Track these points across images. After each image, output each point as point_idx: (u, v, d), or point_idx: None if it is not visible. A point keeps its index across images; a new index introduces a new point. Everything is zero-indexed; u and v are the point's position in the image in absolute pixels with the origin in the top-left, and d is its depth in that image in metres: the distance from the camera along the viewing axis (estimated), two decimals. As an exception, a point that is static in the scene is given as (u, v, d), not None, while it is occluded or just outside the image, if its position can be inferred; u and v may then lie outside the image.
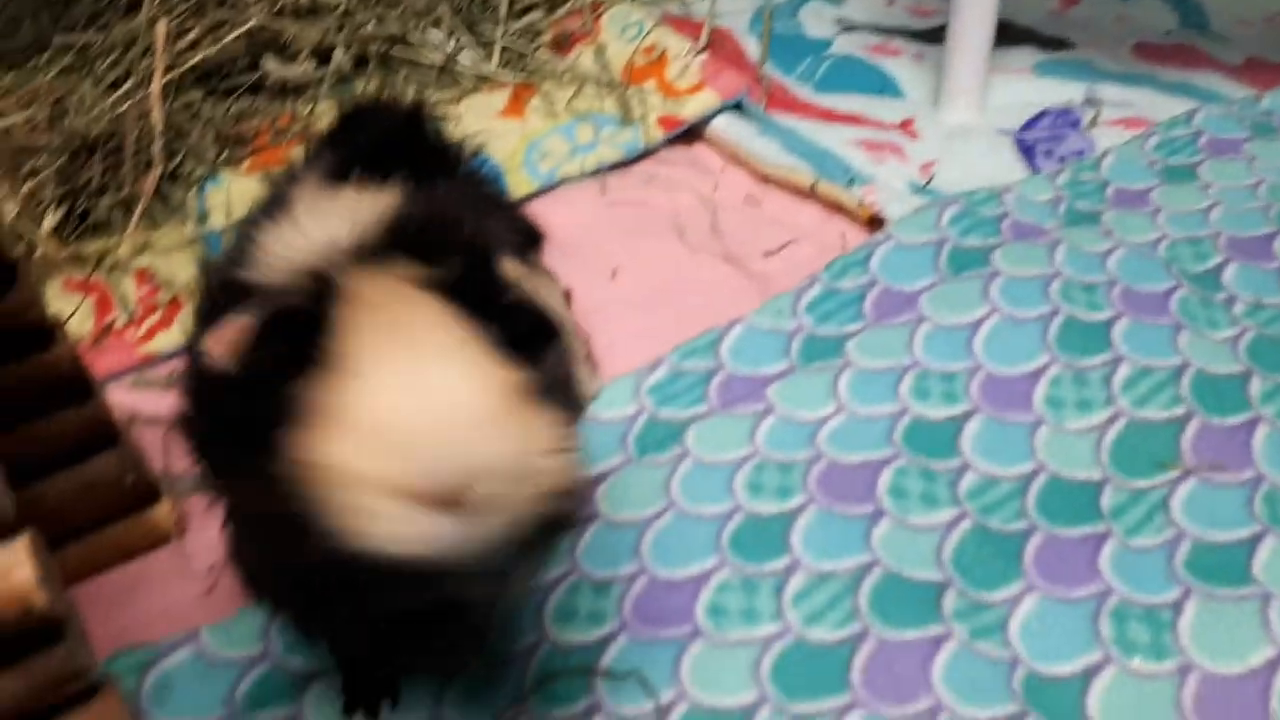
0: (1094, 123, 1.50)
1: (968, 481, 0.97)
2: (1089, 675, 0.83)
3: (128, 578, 0.96)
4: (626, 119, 1.54)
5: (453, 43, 1.64)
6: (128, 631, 0.90)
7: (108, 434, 0.92)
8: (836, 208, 1.39)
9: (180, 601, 0.94)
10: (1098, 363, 1.07)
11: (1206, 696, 0.81)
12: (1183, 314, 1.11)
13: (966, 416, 1.03)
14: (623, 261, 1.32)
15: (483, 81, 1.62)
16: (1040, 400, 1.04)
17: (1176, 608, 0.87)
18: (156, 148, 1.39)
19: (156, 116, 1.40)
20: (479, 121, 1.53)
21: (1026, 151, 1.46)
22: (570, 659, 0.85)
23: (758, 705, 0.82)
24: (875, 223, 1.34)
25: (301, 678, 0.86)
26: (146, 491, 0.96)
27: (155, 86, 1.42)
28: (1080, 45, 1.69)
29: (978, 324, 1.12)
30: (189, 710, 0.84)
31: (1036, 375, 1.06)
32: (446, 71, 1.62)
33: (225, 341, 0.56)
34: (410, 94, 1.58)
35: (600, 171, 1.47)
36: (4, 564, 0.50)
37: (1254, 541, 0.91)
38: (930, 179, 1.42)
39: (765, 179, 1.47)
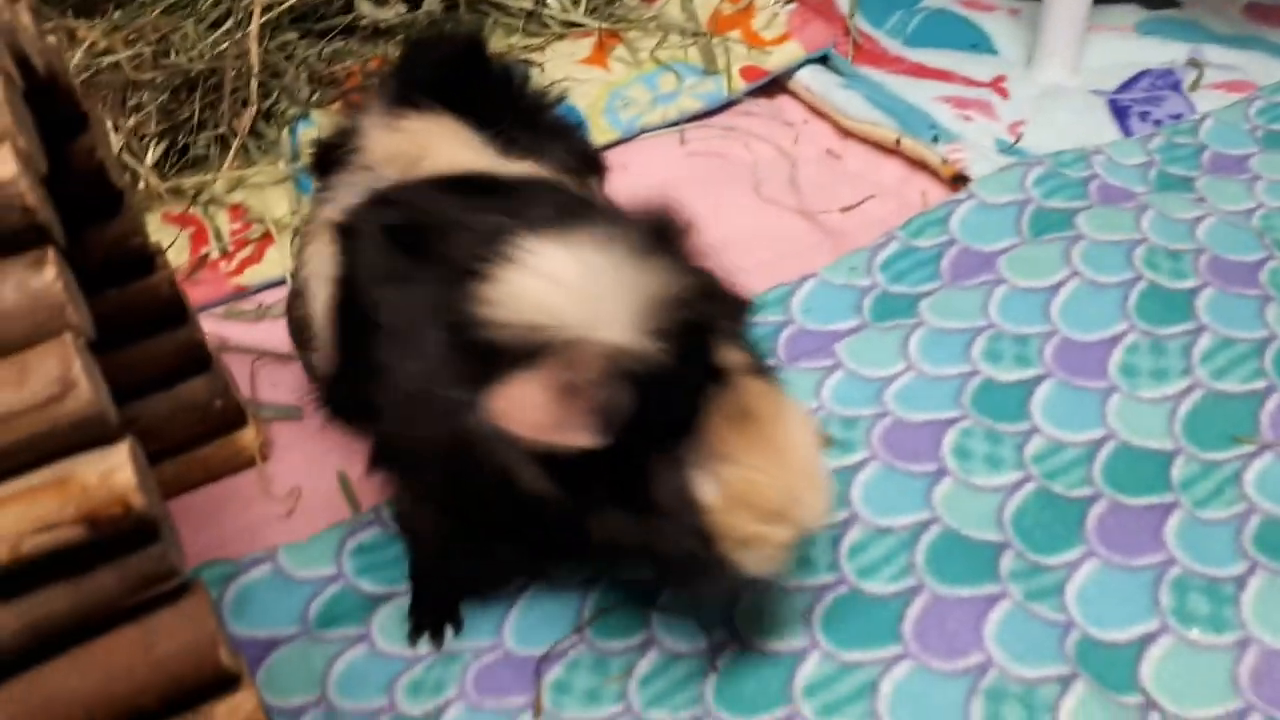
0: (1196, 85, 1.44)
1: (1034, 445, 0.97)
2: (1144, 643, 0.83)
3: (213, 497, 1.02)
4: (710, 69, 1.53)
5: (541, -12, 1.65)
6: (211, 547, 0.96)
7: (200, 359, 0.97)
8: (920, 165, 1.37)
9: (261, 522, 1.00)
10: (1178, 332, 1.04)
11: (1264, 671, 0.80)
12: (1273, 285, 1.08)
13: (1038, 381, 1.02)
14: (698, 212, 1.33)
15: (569, 28, 1.62)
16: (1115, 368, 1.02)
17: (1240, 582, 0.85)
18: (253, 86, 1.44)
19: (254, 56, 1.44)
20: (563, 69, 1.54)
21: (1120, 113, 1.42)
22: (625, 593, 0.88)
23: (807, 651, 0.83)
24: (959, 181, 1.31)
25: (371, 599, 0.91)
26: (234, 416, 1.01)
27: (254, 26, 1.46)
28: (1187, 3, 1.62)
29: (1056, 288, 1.10)
30: (265, 623, 0.89)
31: (1113, 342, 1.04)
32: (534, 17, 1.63)
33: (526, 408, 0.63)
34: (496, 39, 1.59)
35: (681, 122, 1.47)
36: (107, 467, 0.54)
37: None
38: (1018, 139, 1.39)
39: (847, 133, 1.46)
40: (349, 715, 0.83)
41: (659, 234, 0.70)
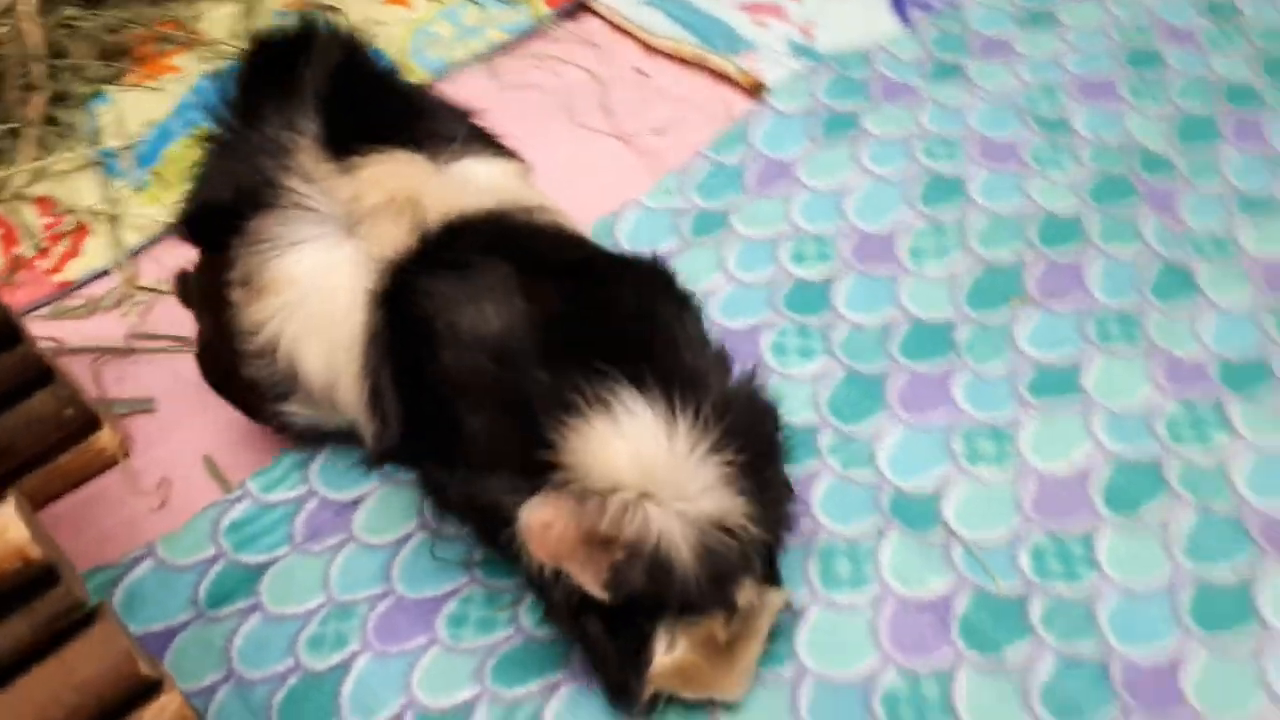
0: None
1: (839, 333, 1.08)
2: (943, 486, 0.97)
3: (81, 503, 1.04)
4: (512, -1, 1.55)
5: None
6: (90, 553, 0.98)
7: (41, 371, 0.98)
8: (723, 76, 1.44)
9: (134, 519, 1.02)
10: (956, 212, 1.17)
11: (1041, 495, 0.96)
12: (1034, 161, 1.21)
13: (839, 275, 1.13)
14: (517, 148, 1.37)
15: (363, -32, 1.60)
16: (904, 253, 1.14)
17: (1018, 424, 1.00)
18: (38, 70, 1.38)
19: (34, 37, 1.38)
20: (363, 10, 1.53)
21: (898, 4, 1.51)
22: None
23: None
24: (759, 89, 1.39)
25: (255, 569, 0.96)
26: (87, 420, 1.02)
27: (27, 5, 1.39)
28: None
29: (849, 187, 1.20)
30: (159, 618, 0.93)
31: (901, 231, 1.16)
32: (326, -41, 1.60)
33: (555, 534, 0.68)
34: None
35: (490, 54, 1.49)
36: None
37: (1083, 361, 1.05)
38: (809, 39, 1.47)
39: (653, 50, 1.51)
40: (259, 683, 0.89)
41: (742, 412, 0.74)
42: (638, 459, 0.69)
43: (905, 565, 0.92)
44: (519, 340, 0.73)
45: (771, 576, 0.81)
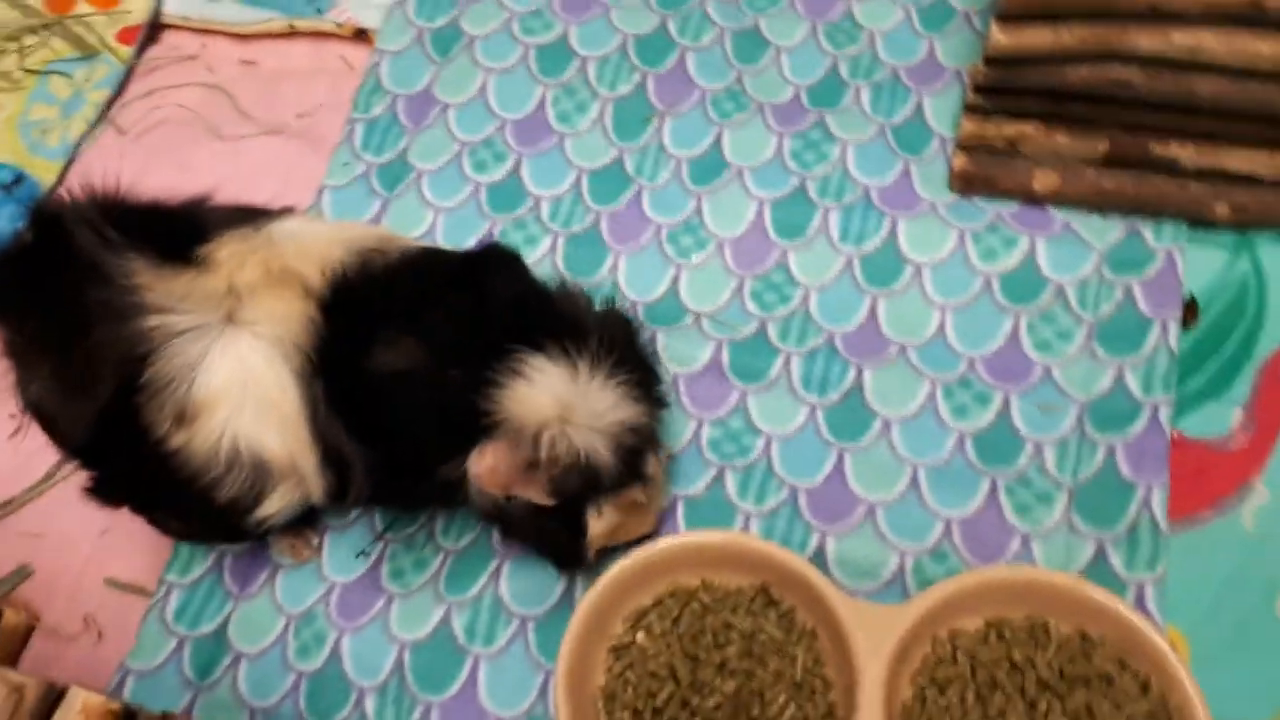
0: None
1: (544, 211, 1.32)
2: (674, 285, 1.26)
3: (33, 670, 1.15)
4: (87, 52, 1.56)
5: None
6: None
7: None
8: (323, 35, 1.55)
9: (86, 658, 1.14)
10: (576, 70, 1.40)
11: (737, 253, 1.26)
12: (612, 4, 1.44)
13: (518, 164, 1.35)
14: (180, 188, 1.45)
15: (-77, 90, 1.55)
16: (556, 122, 1.37)
17: (699, 211, 1.30)
18: None
19: None
20: (-48, 130, 1.51)
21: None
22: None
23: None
24: (362, 34, 1.52)
25: (218, 632, 1.12)
26: (-6, 611, 1.11)
27: None
28: None
29: (483, 89, 1.40)
30: (171, 707, 1.09)
31: (545, 105, 1.38)
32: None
33: (500, 469, 0.90)
34: None
35: (103, 114, 1.52)
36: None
37: (719, 141, 1.34)
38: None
39: (248, 39, 1.58)
40: (279, 704, 1.08)
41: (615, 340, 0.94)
42: (555, 399, 0.88)
43: (677, 351, 1.20)
44: (429, 362, 0.91)
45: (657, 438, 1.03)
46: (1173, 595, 1.03)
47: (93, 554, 1.21)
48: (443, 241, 1.30)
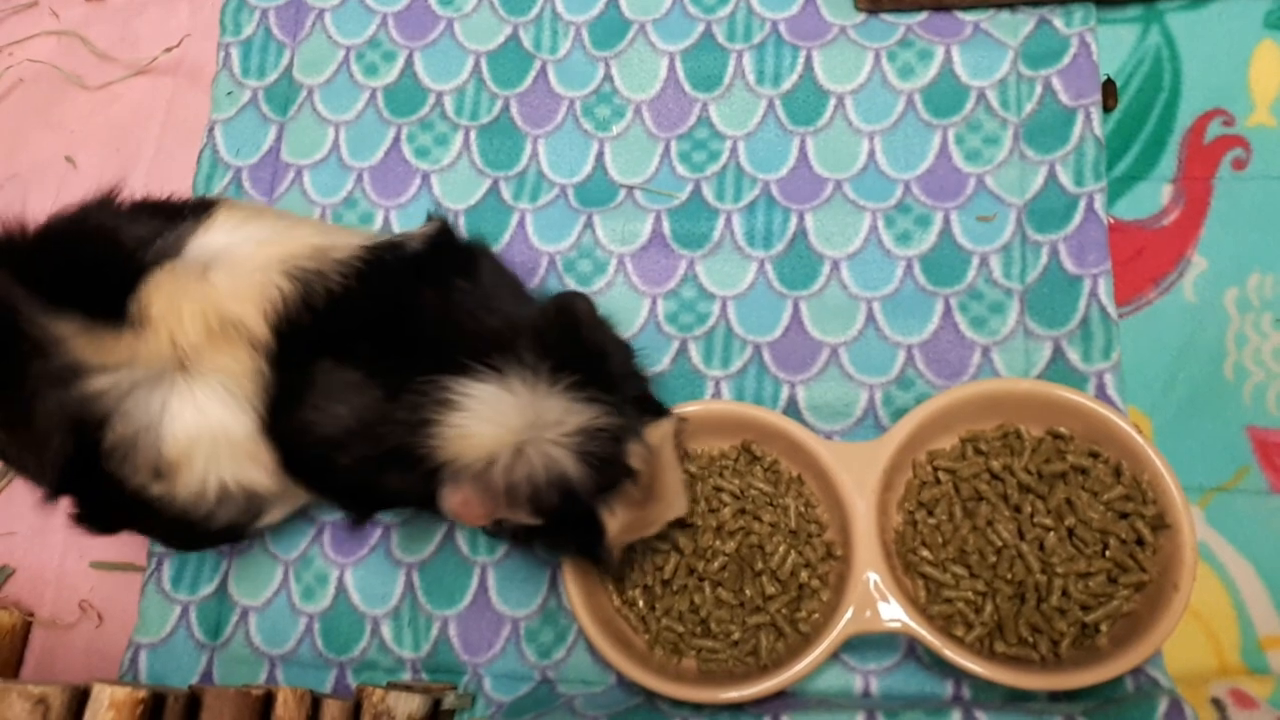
0: None
1: (449, 105, 1.26)
2: (597, 166, 1.22)
3: (44, 665, 1.15)
4: (-86, 15, 1.42)
5: None
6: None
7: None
8: None
9: (94, 643, 1.15)
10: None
11: (655, 117, 1.23)
12: None
13: (409, 61, 1.28)
14: (61, 149, 1.36)
15: None
16: (438, 6, 1.30)
17: (609, 79, 1.25)
18: None
19: None
20: None
21: None
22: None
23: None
24: None
25: (219, 592, 1.12)
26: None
27: None
28: None
29: (357, -17, 1.32)
30: (191, 672, 1.10)
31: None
32: None
33: (472, 506, 0.85)
34: None
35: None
36: None
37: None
38: None
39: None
40: (297, 645, 1.10)
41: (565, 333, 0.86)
42: (495, 425, 0.83)
43: (616, 230, 1.18)
44: (367, 408, 0.85)
45: (657, 409, 0.95)
46: (1129, 378, 1.08)
47: (70, 541, 1.19)
48: (350, 160, 1.25)
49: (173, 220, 0.90)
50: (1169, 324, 1.10)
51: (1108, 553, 0.95)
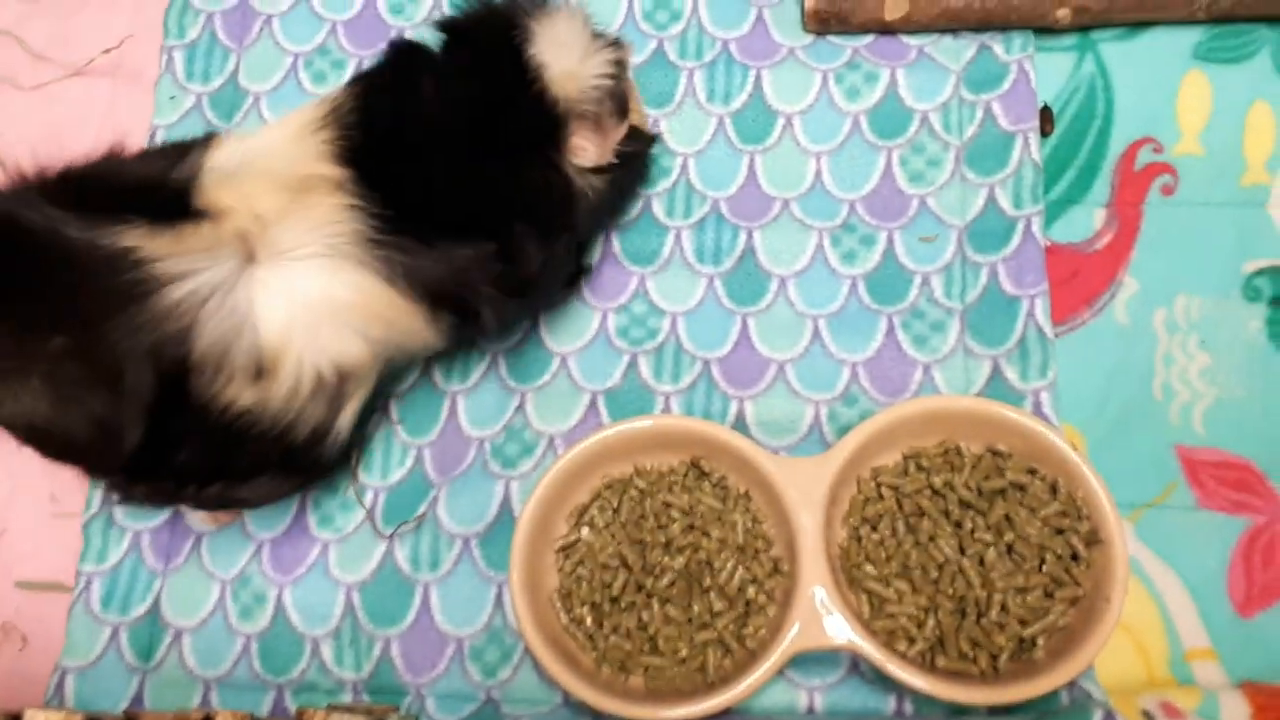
0: None
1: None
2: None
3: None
4: None
5: None
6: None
7: None
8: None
9: (16, 665, 1.10)
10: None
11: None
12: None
13: (359, 71, 1.27)
14: (-3, 149, 1.32)
15: None
16: (389, 15, 1.28)
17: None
18: None
19: None
20: None
21: None
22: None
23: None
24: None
25: (150, 614, 1.09)
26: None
27: None
28: None
29: None
30: (121, 696, 1.06)
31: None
32: None
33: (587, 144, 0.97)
34: None
35: None
36: None
37: None
38: None
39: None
40: (234, 668, 1.07)
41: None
42: (560, 69, 0.95)
43: (563, 243, 1.18)
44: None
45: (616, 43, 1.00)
46: (1064, 396, 1.11)
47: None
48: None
49: (180, 155, 0.89)
50: (1102, 344, 1.14)
51: (1044, 567, 0.97)
